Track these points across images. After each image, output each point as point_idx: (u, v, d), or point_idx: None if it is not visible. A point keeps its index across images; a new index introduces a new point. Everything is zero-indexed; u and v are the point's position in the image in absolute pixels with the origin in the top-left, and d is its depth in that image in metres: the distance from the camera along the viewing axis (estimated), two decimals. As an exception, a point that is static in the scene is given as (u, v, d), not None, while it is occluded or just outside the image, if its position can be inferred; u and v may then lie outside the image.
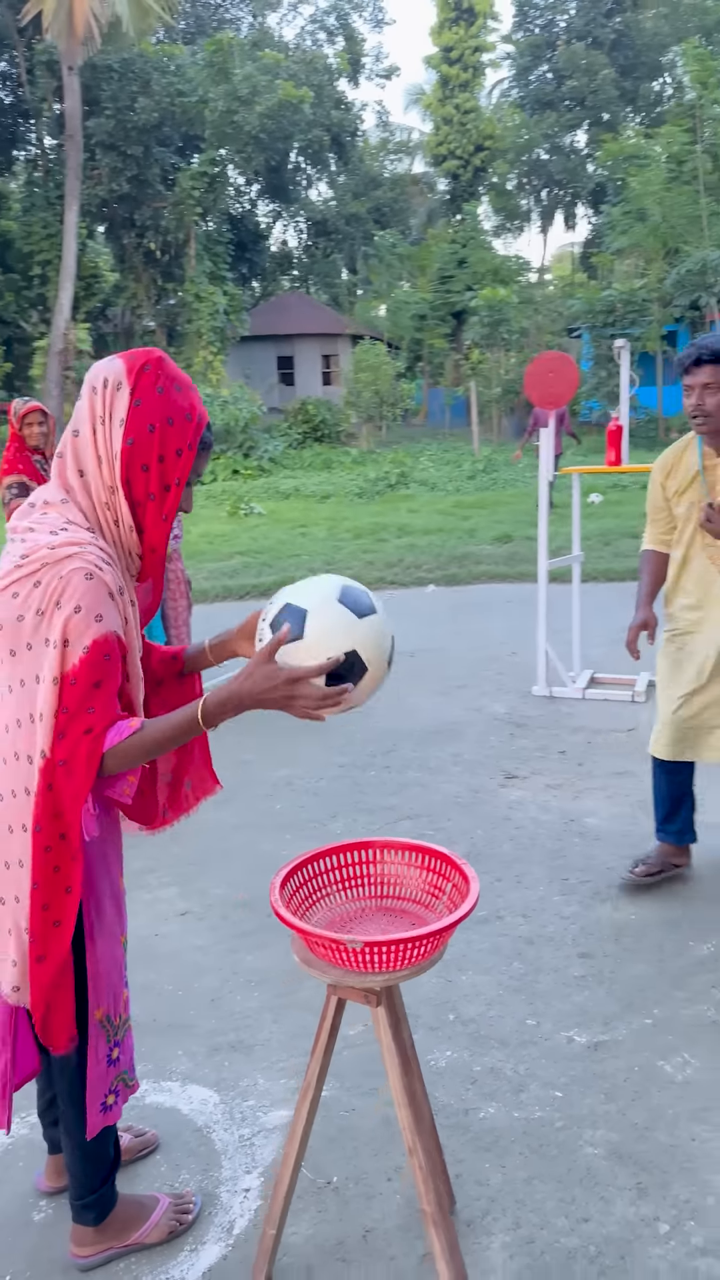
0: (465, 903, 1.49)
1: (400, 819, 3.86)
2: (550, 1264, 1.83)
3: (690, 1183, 2.01)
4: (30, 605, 1.49)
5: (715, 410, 2.82)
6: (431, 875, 1.64)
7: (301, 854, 1.67)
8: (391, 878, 1.68)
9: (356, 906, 1.68)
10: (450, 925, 1.46)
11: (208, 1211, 1.99)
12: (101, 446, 1.54)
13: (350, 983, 1.51)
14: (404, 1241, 1.90)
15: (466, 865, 1.59)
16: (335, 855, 1.68)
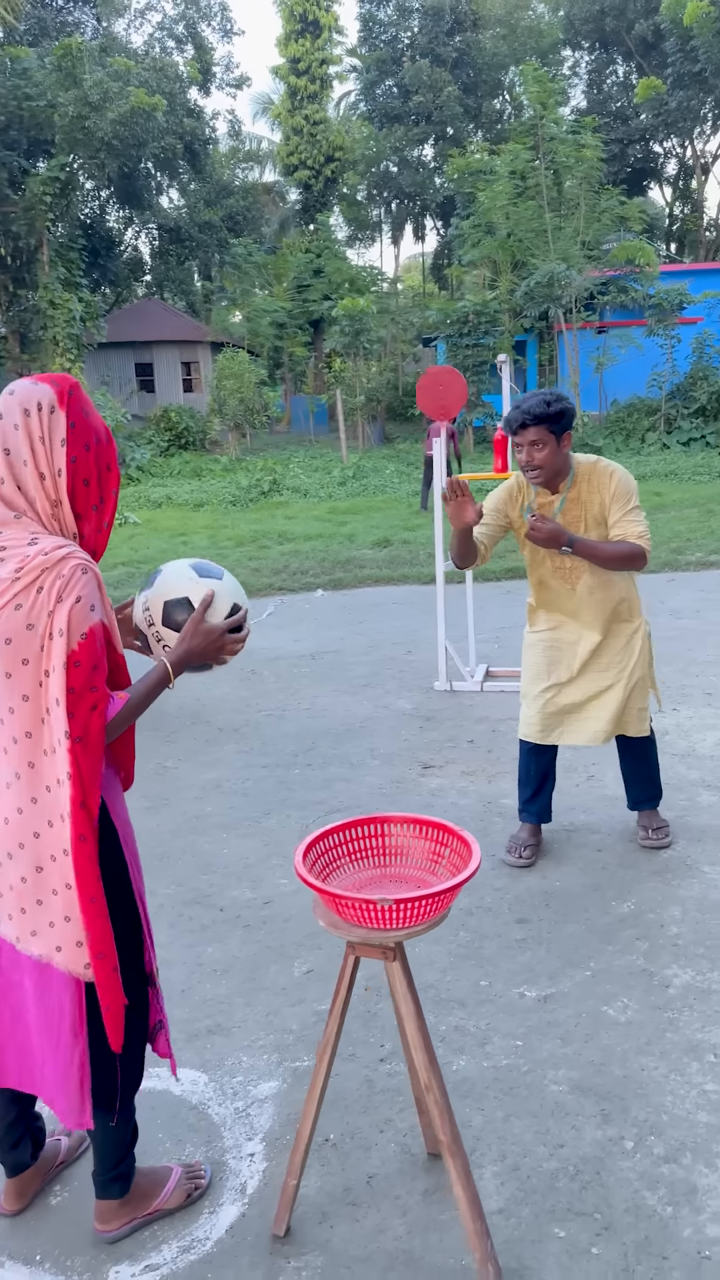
0: (471, 863, 1.70)
1: (331, 811, 4.04)
2: (537, 1185, 2.06)
3: (646, 1105, 2.28)
4: (37, 610, 1.61)
5: (544, 462, 3.12)
6: (432, 844, 1.84)
7: (315, 831, 1.84)
8: (396, 849, 1.87)
9: (365, 875, 1.86)
10: (461, 882, 1.66)
11: (219, 1177, 2.13)
12: (43, 464, 1.67)
13: (373, 940, 1.69)
14: (404, 1183, 2.09)
15: (465, 832, 1.79)
16: (345, 830, 1.86)
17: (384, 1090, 2.38)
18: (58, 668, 1.61)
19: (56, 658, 1.61)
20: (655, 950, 2.93)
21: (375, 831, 1.87)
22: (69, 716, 1.62)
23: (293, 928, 3.15)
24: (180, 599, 1.80)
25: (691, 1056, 2.44)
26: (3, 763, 1.71)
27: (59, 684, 1.62)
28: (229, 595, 1.84)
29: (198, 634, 1.78)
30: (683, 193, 37.32)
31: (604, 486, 3.21)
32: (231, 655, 1.85)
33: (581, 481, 3.23)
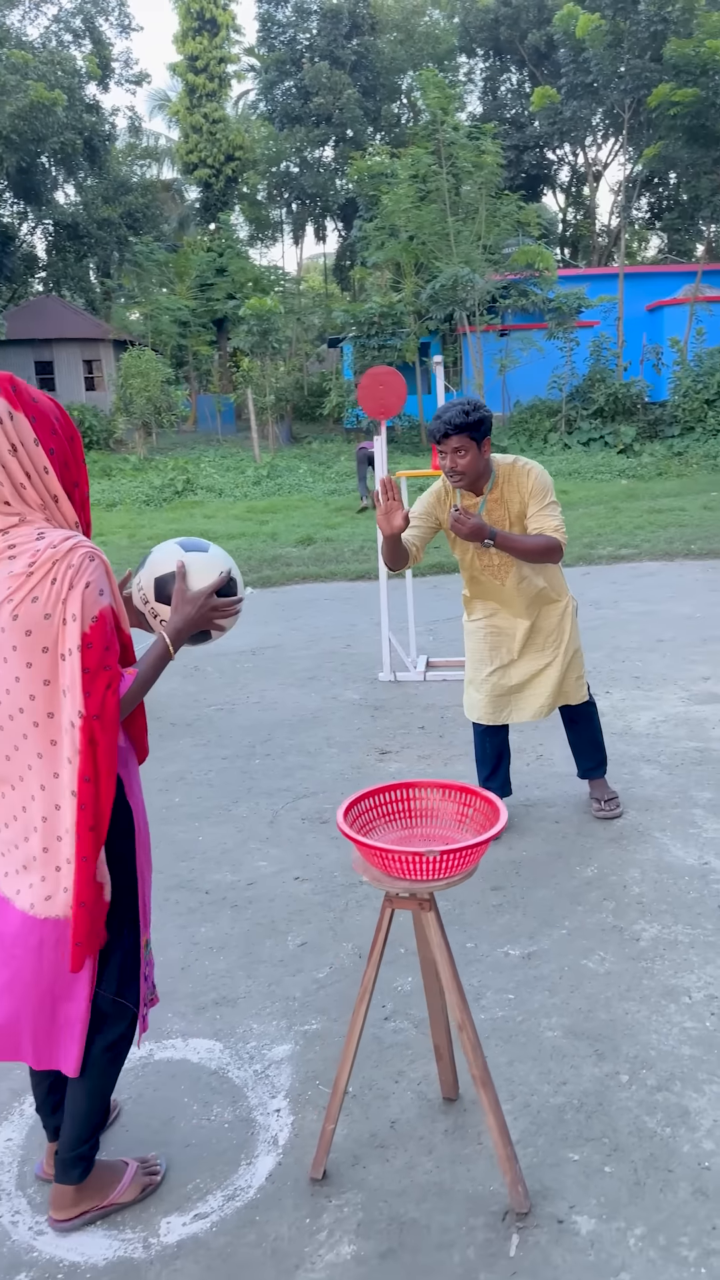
0: (499, 819, 1.86)
1: (298, 797, 4.17)
2: (547, 1118, 2.24)
3: (635, 1044, 2.49)
4: (52, 600, 1.70)
5: (466, 468, 3.29)
6: (458, 805, 2.00)
7: (351, 795, 1.98)
8: (424, 811, 2.02)
9: (396, 835, 2.01)
10: (494, 835, 1.82)
11: (251, 1132, 2.24)
12: (28, 465, 1.74)
13: (417, 890, 1.84)
14: (425, 1125, 2.24)
15: (488, 793, 1.96)
16: (378, 794, 2.00)
17: (392, 1045, 2.52)
18: (73, 650, 1.70)
19: (71, 640, 1.70)
20: (622, 908, 3.15)
21: (404, 795, 2.02)
22: (85, 695, 1.71)
23: (279, 906, 3.27)
24: (168, 574, 1.92)
25: (669, 999, 2.66)
26: (25, 746, 1.79)
27: (72, 667, 1.71)
28: (215, 564, 1.95)
29: (186, 602, 1.90)
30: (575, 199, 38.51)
31: (523, 485, 3.39)
32: (226, 620, 1.97)
33: (502, 482, 3.40)
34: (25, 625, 1.70)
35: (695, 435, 20.26)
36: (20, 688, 1.74)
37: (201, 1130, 2.26)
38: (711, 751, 4.53)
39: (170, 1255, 1.92)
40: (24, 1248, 1.96)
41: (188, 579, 1.92)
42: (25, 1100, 2.40)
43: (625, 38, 22.43)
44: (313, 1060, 2.48)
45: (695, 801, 3.98)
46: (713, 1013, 2.59)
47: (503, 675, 3.68)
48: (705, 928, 3.02)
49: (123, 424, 25.33)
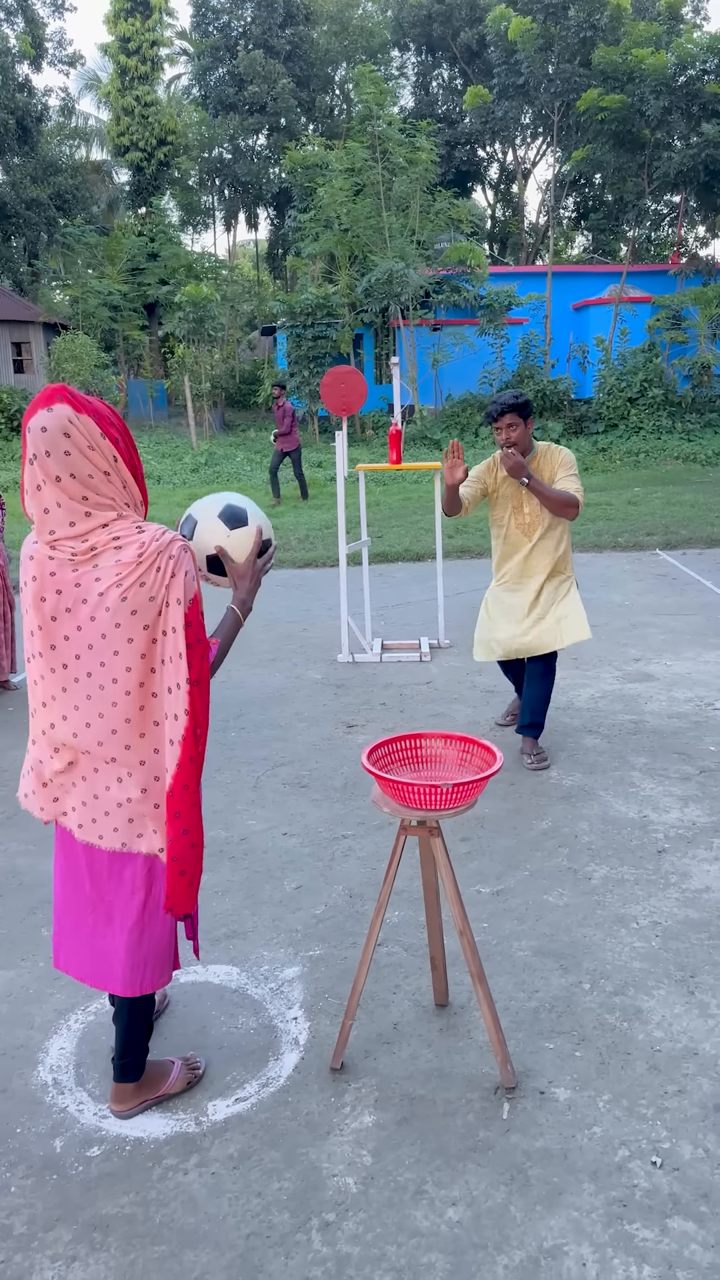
0: (496, 761, 2.26)
1: (277, 765, 4.52)
2: (524, 1019, 2.66)
3: (593, 959, 2.92)
4: (157, 585, 2.01)
5: (518, 439, 4.26)
6: (461, 751, 2.39)
7: (371, 743, 2.35)
8: (431, 757, 2.41)
9: (407, 777, 2.39)
10: (494, 771, 2.21)
11: (274, 1035, 2.61)
12: (102, 463, 2.02)
13: (430, 819, 2.23)
14: (423, 1026, 2.64)
15: (487, 741, 2.35)
16: (393, 743, 2.38)
17: (387, 965, 2.91)
18: (177, 628, 2.01)
19: (176, 619, 2.01)
20: (575, 853, 3.60)
21: (414, 744, 2.40)
22: (188, 665, 2.02)
23: (272, 857, 3.63)
24: (212, 556, 2.25)
25: (620, 925, 3.11)
26: (113, 713, 2.06)
27: (179, 640, 2.01)
28: (253, 531, 2.26)
29: (241, 576, 2.26)
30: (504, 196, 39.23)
31: (554, 459, 4.33)
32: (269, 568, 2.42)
33: (540, 456, 4.34)
34: (132, 606, 1.99)
35: (619, 432, 21.09)
36: (117, 660, 2.03)
37: (231, 1035, 2.62)
38: (645, 723, 5.02)
39: (220, 1129, 2.28)
40: (92, 1128, 2.30)
41: (234, 557, 2.26)
42: (70, 1016, 2.72)
43: (555, 42, 23.08)
44: (320, 979, 2.85)
45: (632, 765, 4.46)
46: (657, 935, 3.05)
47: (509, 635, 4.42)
48: (647, 868, 3.48)
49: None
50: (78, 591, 2.00)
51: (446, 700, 5.50)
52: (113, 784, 2.12)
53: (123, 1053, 2.29)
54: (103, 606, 1.98)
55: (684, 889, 3.33)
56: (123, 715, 2.07)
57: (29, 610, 2.05)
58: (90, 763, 2.12)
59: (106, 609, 1.99)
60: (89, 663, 2.04)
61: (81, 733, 2.09)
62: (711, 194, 23.95)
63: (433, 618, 7.19)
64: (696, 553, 10.01)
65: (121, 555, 1.99)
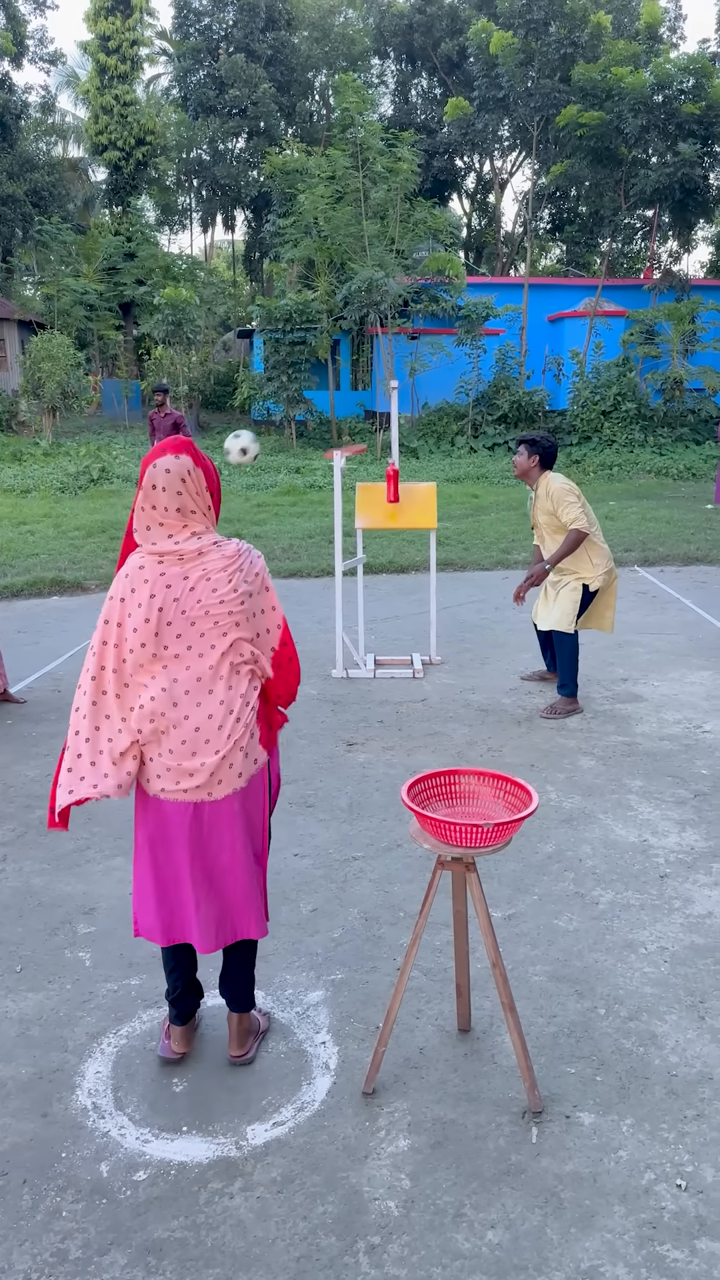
0: (532, 800, 2.36)
1: (286, 783, 4.59)
2: (545, 1044, 2.76)
3: (607, 984, 3.03)
4: (251, 570, 2.47)
5: (521, 466, 5.62)
6: (495, 789, 2.48)
7: (412, 778, 2.44)
8: (466, 793, 2.50)
9: (443, 812, 2.48)
10: (530, 812, 2.31)
11: (305, 1060, 2.68)
12: (200, 503, 2.45)
13: (468, 855, 2.32)
14: (449, 1051, 2.73)
15: (520, 780, 2.45)
16: (432, 778, 2.47)
17: (409, 991, 3.00)
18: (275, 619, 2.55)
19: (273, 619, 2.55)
20: (580, 878, 3.71)
21: (451, 780, 2.49)
22: (282, 645, 2.57)
23: (285, 879, 3.70)
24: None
25: (629, 950, 3.22)
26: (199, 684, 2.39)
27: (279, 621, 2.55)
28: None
29: None
30: (480, 206, 39.54)
31: (551, 497, 5.46)
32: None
33: (540, 490, 5.57)
34: (234, 585, 2.40)
35: (592, 444, 21.38)
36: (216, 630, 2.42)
37: (264, 1059, 2.69)
38: (638, 745, 5.16)
39: (260, 1153, 2.36)
40: (136, 1153, 2.36)
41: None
42: (103, 1040, 2.78)
43: (536, 57, 23.35)
44: (344, 1003, 2.93)
45: (629, 789, 4.59)
46: (665, 961, 3.16)
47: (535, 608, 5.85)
48: (651, 894, 3.60)
49: (25, 407, 24.93)
50: (185, 583, 2.39)
51: (443, 719, 5.60)
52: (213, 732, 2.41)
53: (248, 985, 2.66)
54: (211, 589, 2.39)
55: (688, 914, 3.45)
56: (205, 688, 2.40)
57: (137, 610, 2.38)
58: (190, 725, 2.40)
59: (214, 590, 2.39)
60: (190, 638, 2.39)
61: (181, 699, 2.38)
62: (685, 211, 24.37)
63: (422, 632, 7.29)
64: (674, 570, 10.21)
65: (225, 550, 2.46)
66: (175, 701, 2.38)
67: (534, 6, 23.24)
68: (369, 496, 6.58)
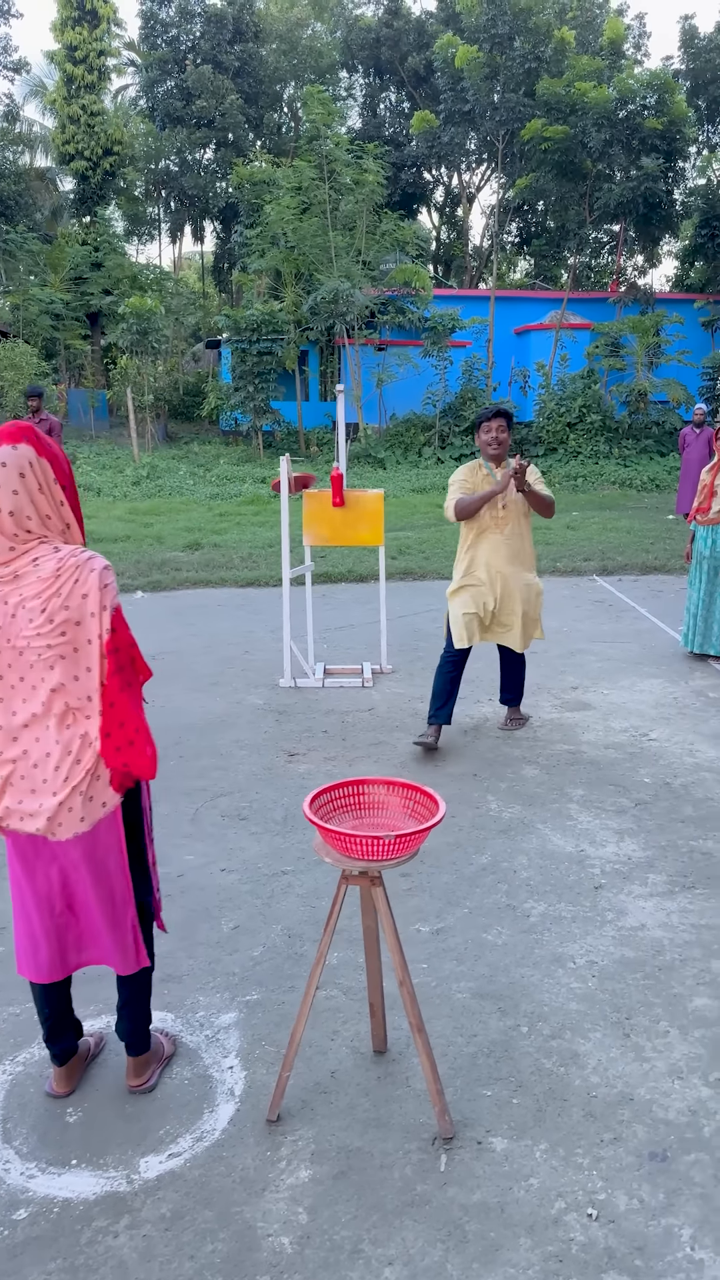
0: (439, 809, 2.25)
1: (216, 796, 4.47)
2: (462, 1065, 2.65)
3: (531, 1002, 2.93)
4: (75, 596, 2.10)
5: (505, 441, 5.09)
6: (404, 798, 2.38)
7: (314, 790, 2.33)
8: (375, 803, 2.39)
9: (350, 824, 2.37)
10: (436, 822, 2.21)
11: (209, 1086, 2.56)
12: (49, 506, 2.16)
13: (372, 869, 2.21)
14: (361, 1074, 2.61)
15: (430, 790, 2.34)
16: (337, 790, 2.36)
17: (325, 1010, 2.88)
18: (102, 634, 2.13)
19: (105, 623, 2.14)
20: (513, 890, 3.61)
21: (357, 791, 2.38)
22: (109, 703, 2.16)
23: (209, 894, 3.57)
24: None
25: (557, 965, 3.12)
26: (36, 720, 2.15)
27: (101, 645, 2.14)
28: None
29: None
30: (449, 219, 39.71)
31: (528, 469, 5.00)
32: None
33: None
34: (49, 616, 2.09)
35: (558, 456, 21.44)
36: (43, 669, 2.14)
37: (165, 1087, 2.56)
38: (582, 754, 5.08)
39: (152, 1187, 2.23)
40: (19, 1189, 2.22)
41: None
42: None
43: (501, 71, 23.49)
44: (257, 1025, 2.81)
45: (570, 798, 4.50)
46: (594, 975, 3.07)
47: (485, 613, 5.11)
48: (584, 905, 3.51)
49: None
50: (5, 609, 2.12)
51: (388, 728, 5.49)
52: (50, 773, 2.18)
53: (137, 1027, 2.47)
54: (27, 618, 2.10)
55: (620, 926, 3.36)
56: (53, 715, 2.17)
57: None
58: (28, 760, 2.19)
59: (29, 620, 2.09)
60: (20, 669, 2.15)
61: (20, 734, 2.17)
62: (650, 225, 24.59)
63: (375, 642, 7.19)
64: (632, 579, 10.19)
65: (41, 572, 2.10)
66: (14, 736, 2.18)
67: (499, 21, 23.37)
68: (316, 506, 6.48)
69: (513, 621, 5.12)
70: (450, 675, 5.11)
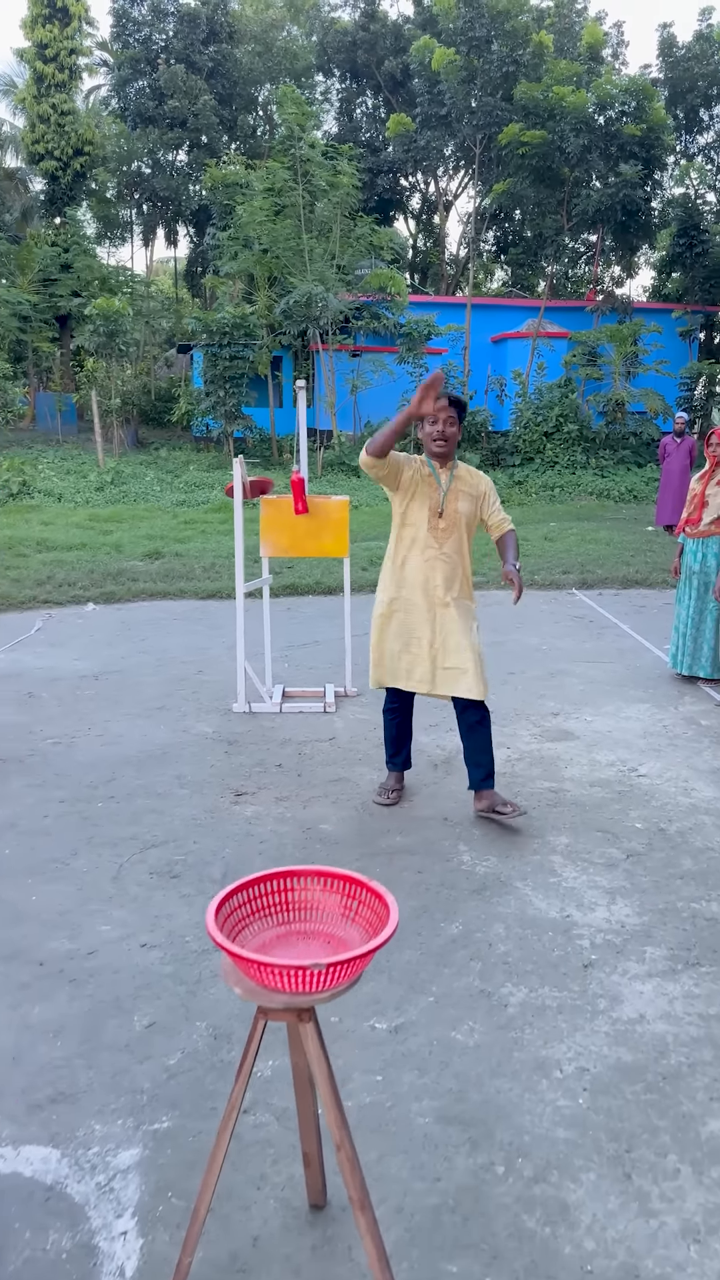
0: (389, 918, 1.69)
1: (146, 847, 3.87)
2: (422, 1223, 2.08)
3: (509, 1128, 2.37)
4: None
5: (452, 437, 3.97)
6: (345, 896, 1.81)
7: (224, 889, 1.76)
8: (306, 903, 1.83)
9: (274, 933, 1.80)
10: (382, 942, 1.64)
11: (94, 1261, 1.97)
12: None
13: (296, 1004, 1.64)
14: (291, 1240, 2.04)
15: (376, 885, 1.78)
16: (252, 887, 1.79)
17: (253, 1144, 2.31)
18: None
19: None
20: (489, 970, 3.05)
21: (283, 886, 1.81)
22: None
23: (124, 979, 2.98)
24: None
25: (540, 1074, 2.56)
26: None
27: None
28: None
29: None
30: (426, 226, 39.37)
31: (483, 483, 4.11)
32: None
33: (465, 475, 4.09)
34: None
35: (534, 465, 20.99)
36: None
37: (35, 1264, 1.97)
38: (565, 793, 4.54)
39: None
40: None
41: None
42: None
43: (478, 75, 23.10)
44: (164, 1166, 2.23)
45: (553, 847, 3.95)
46: (584, 1088, 2.51)
47: (418, 649, 4.09)
48: (571, 989, 2.95)
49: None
50: None
51: (349, 761, 4.93)
52: None
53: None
54: None
55: (614, 1019, 2.81)
56: None
57: None
58: None
59: None
60: None
61: None
62: (627, 234, 24.28)
63: (341, 661, 6.63)
64: (613, 593, 9.71)
65: None
66: None
67: (476, 24, 23.00)
68: (275, 513, 5.92)
69: (464, 662, 3.99)
70: (397, 722, 4.36)
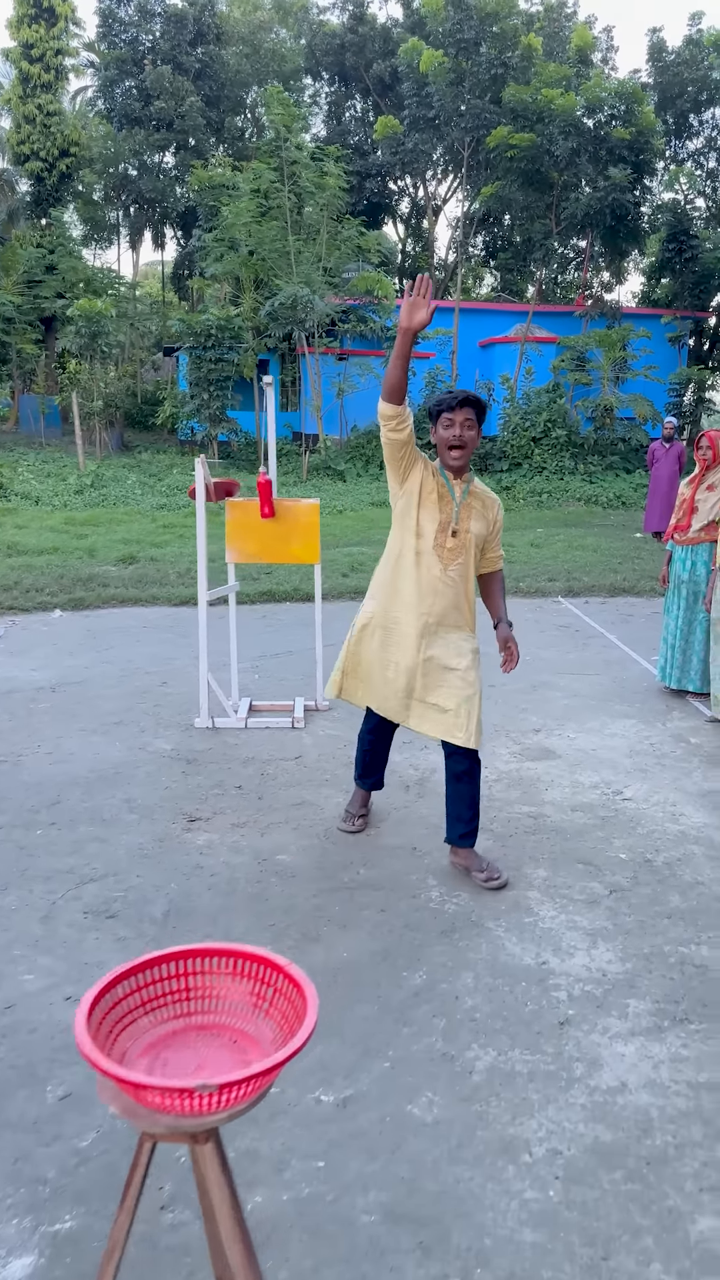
0: (305, 1021, 1.37)
1: (83, 882, 3.54)
2: None
3: (467, 1228, 2.04)
4: None
5: (470, 441, 3.41)
6: (257, 982, 1.49)
7: (100, 980, 1.43)
8: (208, 990, 1.50)
9: (166, 1029, 1.47)
10: (291, 1054, 1.32)
11: None
12: None
13: (184, 1127, 1.32)
14: None
15: (294, 970, 1.45)
16: (140, 973, 1.46)
17: (168, 1249, 1.98)
18: None
19: None
20: (453, 1028, 2.73)
21: (178, 970, 1.49)
22: None
23: (40, 1039, 2.65)
24: None
25: (506, 1158, 2.24)
26: None
27: None
28: None
29: None
30: (414, 230, 39.15)
31: (494, 508, 3.60)
32: None
33: (480, 491, 3.57)
34: None
35: (522, 471, 20.73)
36: None
37: None
38: (544, 819, 4.23)
39: None
40: None
41: None
42: None
43: (467, 77, 22.88)
44: (60, 1279, 1.90)
45: (530, 881, 3.64)
46: (556, 1175, 2.19)
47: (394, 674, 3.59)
48: (545, 1051, 2.63)
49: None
50: None
51: (316, 783, 4.61)
52: None
53: None
54: None
55: (592, 1088, 2.49)
56: None
57: None
58: None
59: None
60: None
61: None
62: (616, 238, 24.07)
63: (314, 672, 6.30)
64: (599, 602, 9.41)
65: None
66: None
67: (465, 26, 22.78)
68: (241, 517, 5.60)
69: (447, 701, 3.51)
70: (372, 747, 3.94)
